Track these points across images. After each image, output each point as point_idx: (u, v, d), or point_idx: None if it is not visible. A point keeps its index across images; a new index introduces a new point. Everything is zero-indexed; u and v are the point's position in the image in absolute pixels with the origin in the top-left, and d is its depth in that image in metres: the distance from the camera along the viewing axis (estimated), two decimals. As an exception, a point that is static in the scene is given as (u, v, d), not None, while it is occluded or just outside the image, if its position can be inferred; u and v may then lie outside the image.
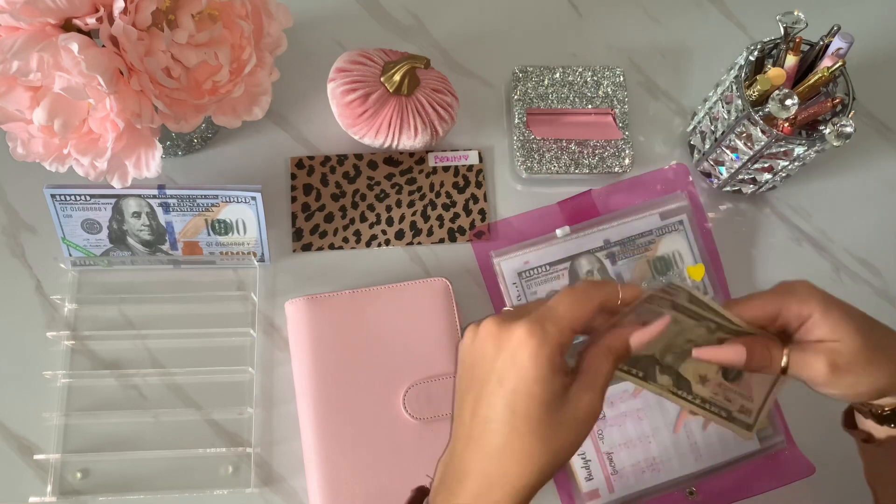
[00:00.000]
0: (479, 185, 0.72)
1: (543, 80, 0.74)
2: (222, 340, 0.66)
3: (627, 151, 0.73)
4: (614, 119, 0.74)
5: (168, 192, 0.63)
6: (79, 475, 0.62)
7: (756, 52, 0.65)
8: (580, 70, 0.75)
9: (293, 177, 0.71)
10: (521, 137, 0.72)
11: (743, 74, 0.64)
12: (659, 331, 0.45)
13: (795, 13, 0.63)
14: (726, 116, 0.66)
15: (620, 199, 0.72)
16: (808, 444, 0.67)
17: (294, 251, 0.69)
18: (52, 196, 0.63)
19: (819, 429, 0.68)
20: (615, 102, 0.74)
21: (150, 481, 0.62)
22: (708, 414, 0.50)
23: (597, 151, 0.73)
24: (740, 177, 0.70)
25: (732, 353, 0.47)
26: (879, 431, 0.53)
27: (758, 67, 0.65)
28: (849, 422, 0.57)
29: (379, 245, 0.70)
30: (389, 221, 0.70)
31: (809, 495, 0.65)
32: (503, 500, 0.42)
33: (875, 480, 0.55)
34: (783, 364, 0.47)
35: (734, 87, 0.64)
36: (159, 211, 0.64)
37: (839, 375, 0.46)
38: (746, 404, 0.50)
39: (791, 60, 0.64)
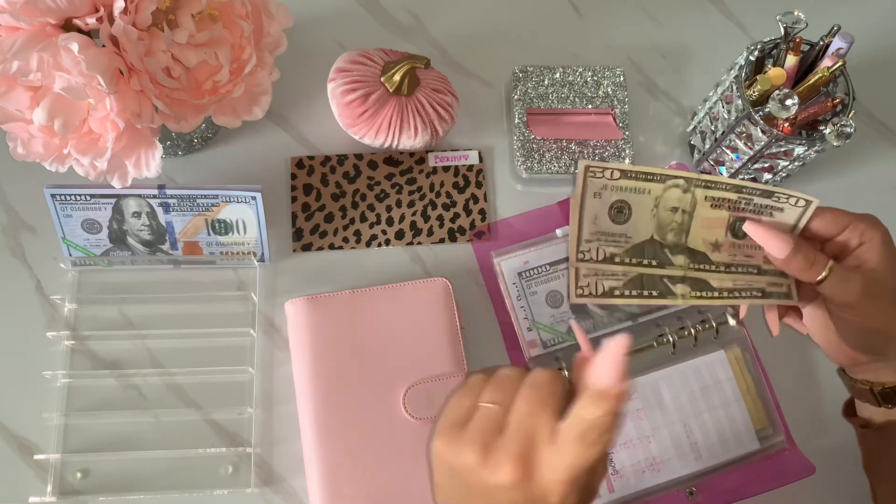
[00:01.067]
0: (479, 185, 0.72)
1: (543, 80, 0.74)
2: (222, 340, 0.66)
3: (627, 151, 0.73)
4: (614, 119, 0.74)
5: (168, 192, 0.63)
6: (79, 475, 0.62)
7: (756, 52, 0.65)
8: (580, 70, 0.75)
9: (293, 177, 0.71)
10: (521, 137, 0.72)
11: (743, 74, 0.64)
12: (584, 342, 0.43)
13: (795, 13, 0.63)
14: (726, 116, 0.66)
15: (620, 199, 0.72)
16: (808, 444, 0.67)
17: (294, 251, 0.69)
18: (52, 196, 0.63)
19: (819, 429, 0.68)
20: (615, 102, 0.74)
21: (150, 481, 0.62)
22: (740, 279, 0.51)
23: (597, 151, 0.73)
24: (741, 177, 0.70)
25: (780, 242, 0.49)
26: (877, 415, 0.54)
27: (758, 67, 0.65)
28: (849, 411, 0.57)
29: (379, 245, 0.70)
30: (389, 221, 0.70)
31: (809, 495, 0.65)
32: None
33: (871, 469, 0.56)
34: (824, 273, 0.48)
35: (734, 87, 0.64)
36: (159, 211, 0.64)
37: (868, 300, 0.48)
38: (766, 262, 0.51)
39: (791, 60, 0.64)
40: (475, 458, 0.40)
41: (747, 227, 0.50)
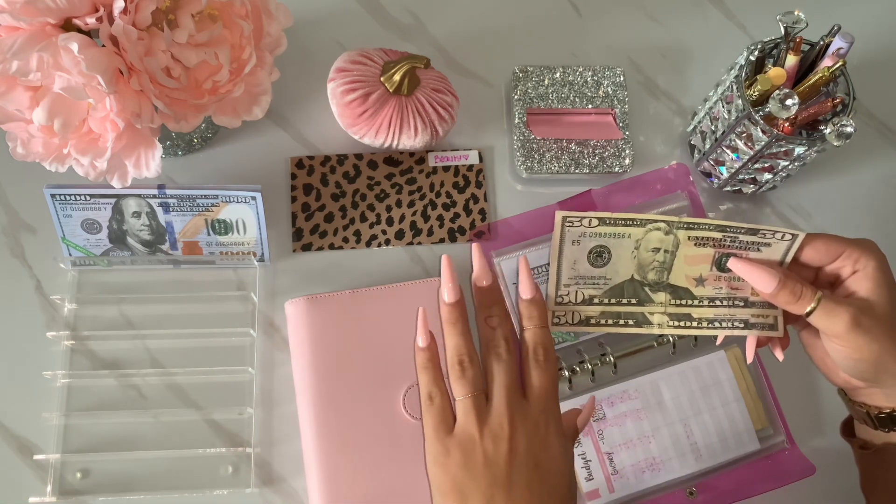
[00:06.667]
0: (479, 185, 0.72)
1: (543, 80, 0.74)
2: (222, 340, 0.66)
3: (628, 151, 0.73)
4: (614, 119, 0.74)
5: (168, 191, 0.63)
6: (79, 475, 0.62)
7: (756, 52, 0.65)
8: (580, 70, 0.75)
9: (293, 177, 0.71)
10: (521, 137, 0.72)
11: (743, 74, 0.64)
12: (589, 413, 0.51)
13: (796, 13, 0.63)
14: (727, 116, 0.66)
15: (621, 199, 0.71)
16: (808, 444, 0.67)
17: (294, 251, 0.69)
18: (52, 196, 0.63)
19: (819, 429, 0.68)
20: (615, 102, 0.74)
21: (150, 481, 0.62)
22: (723, 312, 0.51)
23: (597, 151, 0.73)
24: (741, 176, 0.70)
25: (765, 276, 0.49)
26: (875, 438, 0.54)
27: (758, 67, 0.65)
28: (847, 431, 0.57)
29: (379, 245, 0.70)
30: (389, 221, 0.70)
31: (809, 495, 0.65)
32: None
33: (869, 489, 0.55)
34: (811, 306, 0.48)
35: (734, 87, 0.64)
36: (159, 211, 0.64)
37: (856, 332, 0.47)
38: (754, 294, 0.51)
39: (791, 60, 0.64)
40: (475, 427, 0.45)
41: (732, 265, 0.50)
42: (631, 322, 0.51)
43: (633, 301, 0.50)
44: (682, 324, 0.51)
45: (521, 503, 0.44)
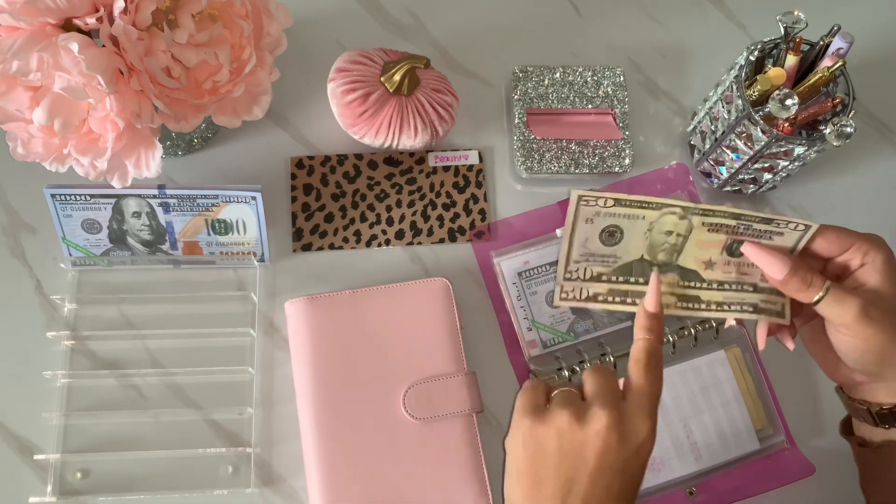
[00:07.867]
0: (479, 185, 0.72)
1: (543, 80, 0.74)
2: (222, 340, 0.66)
3: (627, 151, 0.73)
4: (614, 119, 0.74)
5: (168, 191, 0.63)
6: (79, 475, 0.62)
7: (756, 52, 0.65)
8: (580, 70, 0.75)
9: (293, 177, 0.71)
10: (521, 137, 0.72)
11: (743, 74, 0.64)
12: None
13: (795, 13, 0.63)
14: (726, 116, 0.66)
15: (620, 199, 0.72)
16: (808, 444, 0.67)
17: (294, 251, 0.69)
18: (52, 196, 0.63)
19: (819, 429, 0.68)
20: (615, 102, 0.74)
21: (150, 481, 0.62)
22: (732, 296, 0.51)
23: (597, 151, 0.73)
24: (741, 177, 0.70)
25: (777, 263, 0.49)
26: (875, 435, 0.54)
27: (758, 67, 0.65)
28: (846, 429, 0.57)
29: (379, 245, 0.70)
30: (389, 221, 0.70)
31: (809, 495, 0.65)
32: None
33: (868, 486, 0.55)
34: (820, 295, 0.49)
35: (734, 87, 0.64)
36: (159, 211, 0.64)
37: (864, 323, 0.48)
38: (762, 280, 0.51)
39: (791, 60, 0.64)
40: (569, 417, 0.45)
41: (745, 249, 0.50)
42: (638, 301, 0.51)
43: (641, 280, 0.51)
44: (690, 305, 0.51)
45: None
